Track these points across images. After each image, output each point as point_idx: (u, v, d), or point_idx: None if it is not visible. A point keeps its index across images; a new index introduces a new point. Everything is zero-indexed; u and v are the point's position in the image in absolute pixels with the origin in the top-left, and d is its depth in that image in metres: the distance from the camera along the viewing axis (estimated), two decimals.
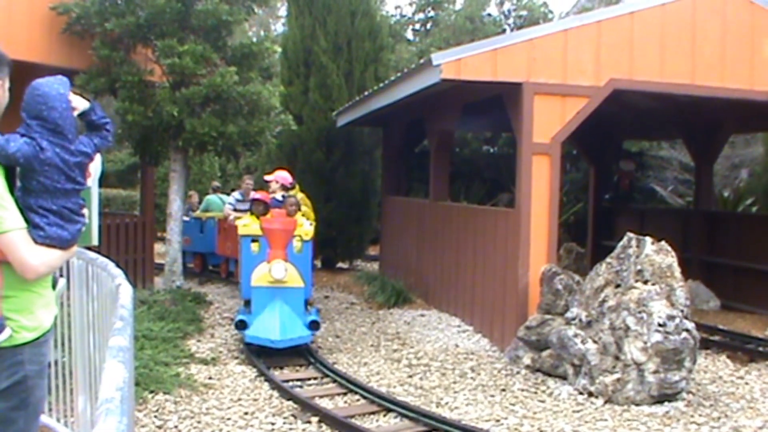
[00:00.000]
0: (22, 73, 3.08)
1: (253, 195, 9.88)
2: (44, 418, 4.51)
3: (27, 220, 2.68)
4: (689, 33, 8.59)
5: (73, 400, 4.69)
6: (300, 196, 10.19)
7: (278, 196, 9.44)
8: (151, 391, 6.67)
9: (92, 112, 2.99)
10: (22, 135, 2.73)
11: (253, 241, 8.71)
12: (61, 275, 3.94)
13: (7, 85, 2.78)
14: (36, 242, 2.68)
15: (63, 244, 2.78)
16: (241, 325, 8.05)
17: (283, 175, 9.85)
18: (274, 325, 7.91)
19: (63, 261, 2.91)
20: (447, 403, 6.69)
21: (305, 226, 8.82)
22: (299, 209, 9.05)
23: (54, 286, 3.00)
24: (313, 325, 8.15)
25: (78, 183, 2.86)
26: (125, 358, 2.33)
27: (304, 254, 8.79)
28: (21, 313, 2.71)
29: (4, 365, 2.67)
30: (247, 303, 8.59)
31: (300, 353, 8.15)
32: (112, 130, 3.05)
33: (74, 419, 4.69)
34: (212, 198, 14.51)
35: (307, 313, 8.29)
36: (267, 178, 10.16)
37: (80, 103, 2.94)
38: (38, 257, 2.66)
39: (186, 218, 14.18)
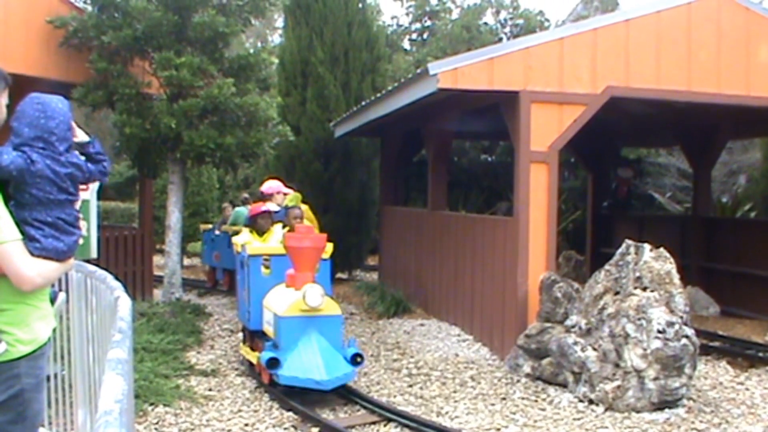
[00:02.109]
0: (20, 87, 3.08)
1: (256, 208, 8.88)
2: None
3: (23, 233, 2.68)
4: (685, 39, 8.62)
5: (73, 413, 4.68)
6: (303, 207, 9.97)
7: (274, 206, 8.80)
8: (151, 404, 6.66)
9: (90, 145, 3.01)
10: (14, 148, 2.73)
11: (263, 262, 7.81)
12: (61, 289, 3.94)
13: (5, 101, 2.78)
14: (32, 254, 2.68)
15: (59, 256, 2.78)
16: (273, 364, 6.76)
17: (268, 185, 9.36)
18: (316, 363, 6.74)
19: (60, 273, 2.90)
20: (447, 413, 6.68)
21: None
22: (302, 222, 8.63)
23: (53, 301, 3.00)
24: (356, 359, 6.99)
25: (71, 194, 2.86)
26: (124, 371, 2.33)
27: (322, 274, 7.65)
28: (17, 327, 2.71)
29: (0, 379, 2.67)
30: (255, 334, 7.73)
31: None
32: (108, 169, 3.06)
33: None
34: (241, 210, 13.61)
35: (344, 346, 7.16)
36: (266, 191, 9.39)
37: (81, 134, 2.96)
38: (34, 269, 2.66)
39: (217, 232, 13.96)
